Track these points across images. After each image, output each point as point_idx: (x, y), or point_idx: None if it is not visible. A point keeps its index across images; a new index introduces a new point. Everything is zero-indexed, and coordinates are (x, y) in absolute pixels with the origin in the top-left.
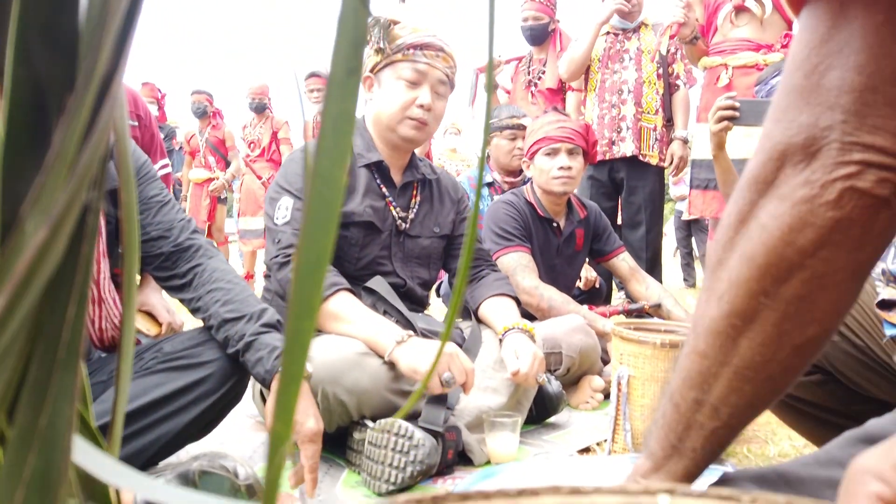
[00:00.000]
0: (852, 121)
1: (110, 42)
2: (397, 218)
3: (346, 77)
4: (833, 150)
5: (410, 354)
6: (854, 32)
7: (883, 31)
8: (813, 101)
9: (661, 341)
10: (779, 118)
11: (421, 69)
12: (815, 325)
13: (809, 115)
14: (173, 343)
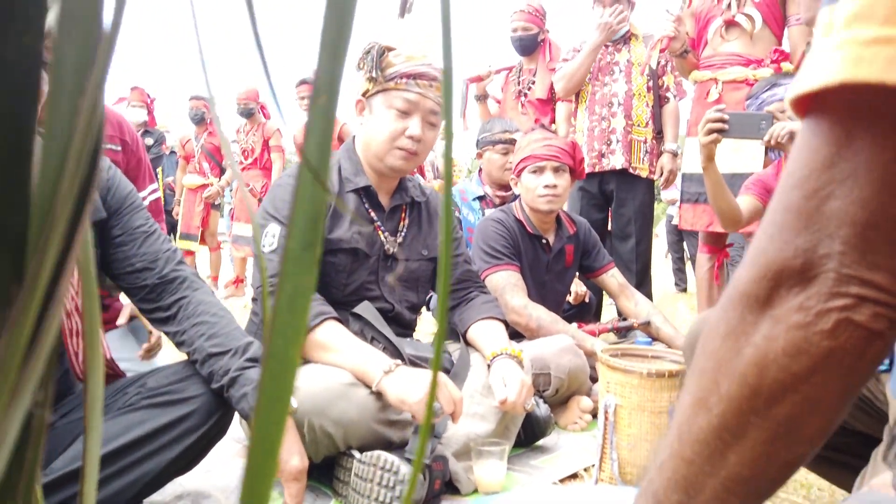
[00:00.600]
0: (851, 254)
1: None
2: (385, 242)
3: (302, 251)
4: (830, 279)
5: (398, 385)
6: (860, 165)
7: (890, 168)
8: (812, 225)
9: (647, 371)
10: (774, 235)
11: (412, 99)
12: (804, 444)
13: (807, 239)
14: (157, 378)
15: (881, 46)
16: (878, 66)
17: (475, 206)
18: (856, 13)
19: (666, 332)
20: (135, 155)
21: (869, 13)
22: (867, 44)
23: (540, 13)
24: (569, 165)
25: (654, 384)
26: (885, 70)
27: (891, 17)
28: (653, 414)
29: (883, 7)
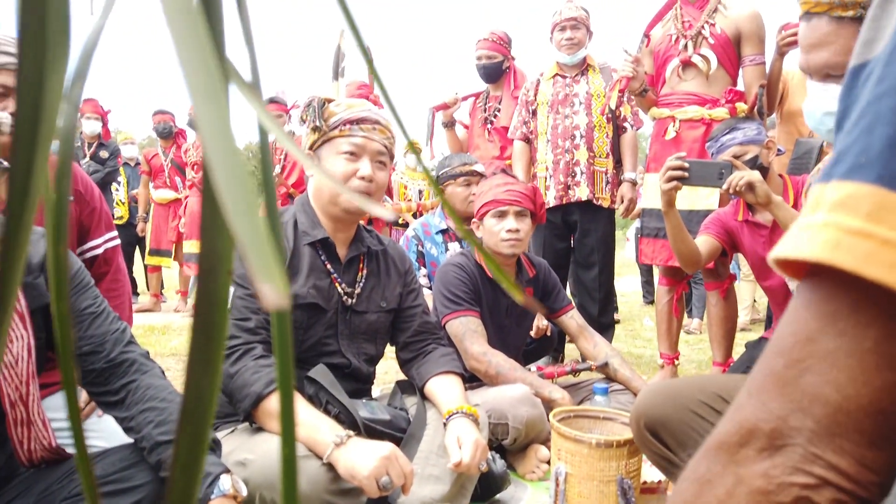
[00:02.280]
0: (821, 434)
1: None
2: (343, 294)
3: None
4: (797, 454)
5: (349, 458)
6: (840, 347)
7: (868, 358)
8: (787, 394)
9: (595, 441)
10: (752, 395)
11: (358, 143)
12: None
13: (782, 407)
14: (104, 464)
15: (861, 239)
16: (857, 257)
17: (438, 240)
18: (843, 201)
19: (623, 374)
20: (88, 205)
21: (854, 205)
22: (849, 233)
23: (504, 41)
24: (530, 210)
25: (603, 454)
26: (863, 262)
27: (873, 215)
28: (602, 483)
29: (867, 203)
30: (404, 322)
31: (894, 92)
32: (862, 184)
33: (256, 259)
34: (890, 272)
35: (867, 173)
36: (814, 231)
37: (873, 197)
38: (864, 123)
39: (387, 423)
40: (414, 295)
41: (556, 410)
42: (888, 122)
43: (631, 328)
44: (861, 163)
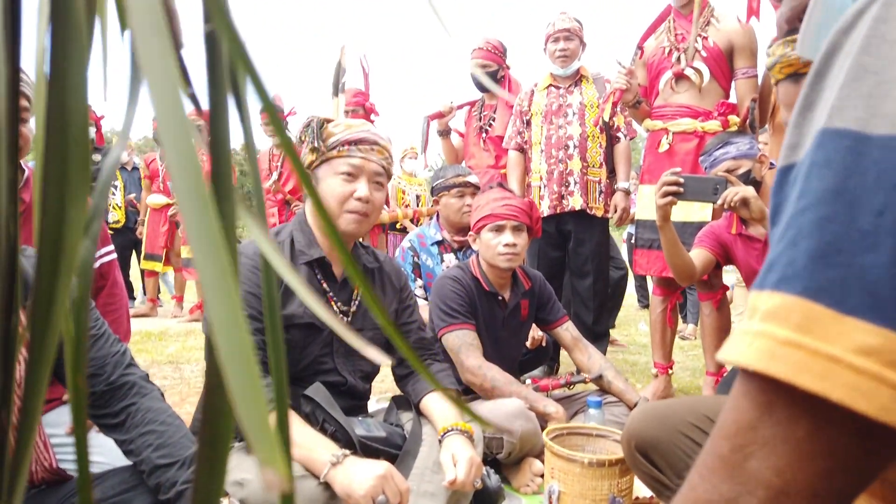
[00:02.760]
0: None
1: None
2: (338, 313)
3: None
4: None
5: (345, 477)
6: (777, 435)
7: (802, 446)
8: (735, 477)
9: (588, 461)
10: (704, 476)
11: (356, 164)
12: None
13: (731, 489)
14: (104, 488)
15: (792, 349)
16: (788, 367)
17: (434, 251)
18: (774, 311)
19: (617, 386)
20: None
21: (785, 316)
22: (781, 343)
23: (499, 50)
24: (527, 224)
25: (595, 473)
26: (794, 372)
27: (802, 326)
28: (594, 502)
29: (796, 315)
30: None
31: (814, 207)
32: (790, 295)
33: (258, 444)
34: (817, 381)
35: (794, 285)
36: (749, 339)
37: (800, 309)
38: (790, 236)
39: (383, 440)
40: (410, 311)
41: (550, 428)
42: (809, 236)
43: (626, 333)
44: (788, 275)
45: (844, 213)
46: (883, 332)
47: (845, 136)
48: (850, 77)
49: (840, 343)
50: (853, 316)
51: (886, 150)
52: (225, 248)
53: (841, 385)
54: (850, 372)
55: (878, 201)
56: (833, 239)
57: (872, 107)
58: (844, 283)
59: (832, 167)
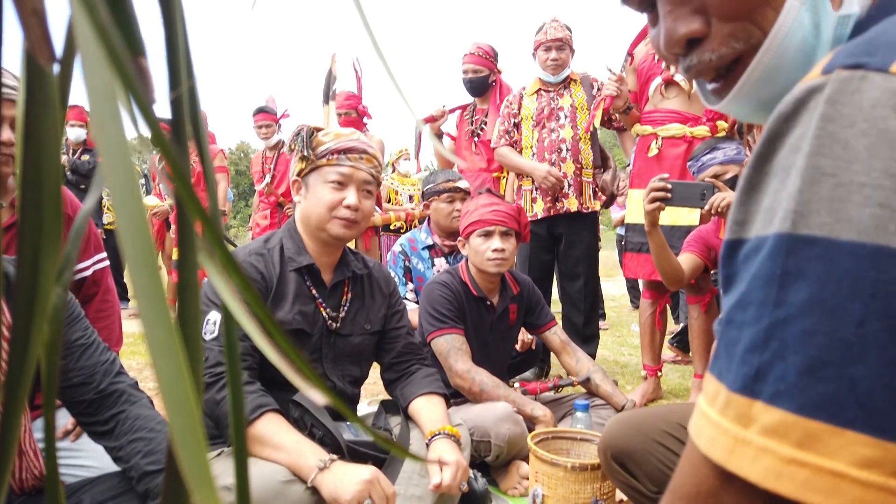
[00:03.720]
0: None
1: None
2: (328, 318)
3: None
4: None
5: (332, 482)
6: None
7: None
8: None
9: (571, 465)
10: None
11: (346, 172)
12: None
13: None
14: (93, 493)
15: (797, 468)
16: (796, 486)
17: (425, 256)
18: (774, 428)
19: (605, 389)
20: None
21: (784, 432)
22: (786, 462)
23: (489, 55)
24: (515, 229)
25: (579, 477)
26: (802, 490)
27: (803, 443)
28: None
29: (797, 433)
30: (389, 343)
31: (795, 320)
32: (787, 413)
33: (193, 476)
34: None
35: (789, 402)
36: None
37: (799, 426)
38: (776, 347)
39: (370, 444)
40: (398, 317)
41: (535, 433)
42: (795, 351)
43: (618, 334)
44: (782, 390)
45: (826, 324)
46: (881, 444)
47: (814, 244)
48: (807, 181)
49: (842, 458)
50: (851, 429)
51: (856, 259)
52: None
53: (851, 500)
54: (856, 486)
55: (858, 311)
56: (819, 352)
57: (836, 211)
58: (837, 397)
59: (806, 277)
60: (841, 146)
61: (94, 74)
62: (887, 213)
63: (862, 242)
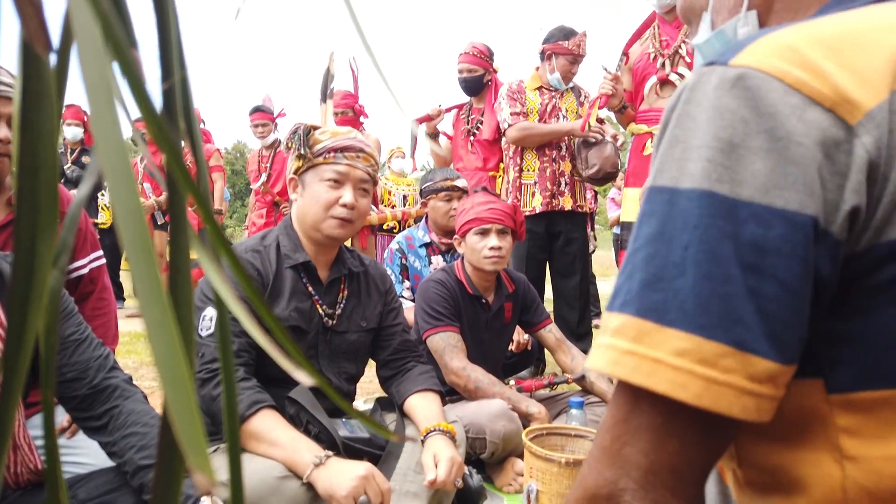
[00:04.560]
0: (639, 491)
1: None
2: (324, 315)
3: None
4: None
5: (327, 478)
6: (642, 424)
7: (661, 429)
8: (615, 463)
9: (565, 460)
10: (592, 466)
11: (342, 170)
12: None
13: (613, 473)
14: (88, 488)
15: (629, 357)
16: (626, 370)
17: (422, 253)
18: (617, 328)
19: (600, 386)
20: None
21: (623, 331)
22: (622, 353)
23: (484, 54)
24: (511, 227)
25: (572, 472)
26: (629, 373)
27: (636, 338)
28: None
29: (631, 330)
30: (384, 341)
31: (643, 248)
32: (627, 316)
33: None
34: (646, 378)
35: (630, 308)
36: (603, 351)
37: (635, 326)
38: (628, 270)
39: (366, 441)
40: (394, 314)
41: (530, 429)
42: (640, 270)
43: None
44: (627, 300)
45: (663, 250)
46: (692, 337)
47: (664, 192)
48: (667, 145)
49: (663, 348)
50: (672, 327)
51: (688, 200)
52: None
53: (664, 381)
54: (670, 370)
55: (684, 239)
56: (656, 270)
57: (681, 168)
58: (664, 303)
59: (655, 215)
60: (691, 120)
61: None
62: (711, 165)
63: (693, 188)
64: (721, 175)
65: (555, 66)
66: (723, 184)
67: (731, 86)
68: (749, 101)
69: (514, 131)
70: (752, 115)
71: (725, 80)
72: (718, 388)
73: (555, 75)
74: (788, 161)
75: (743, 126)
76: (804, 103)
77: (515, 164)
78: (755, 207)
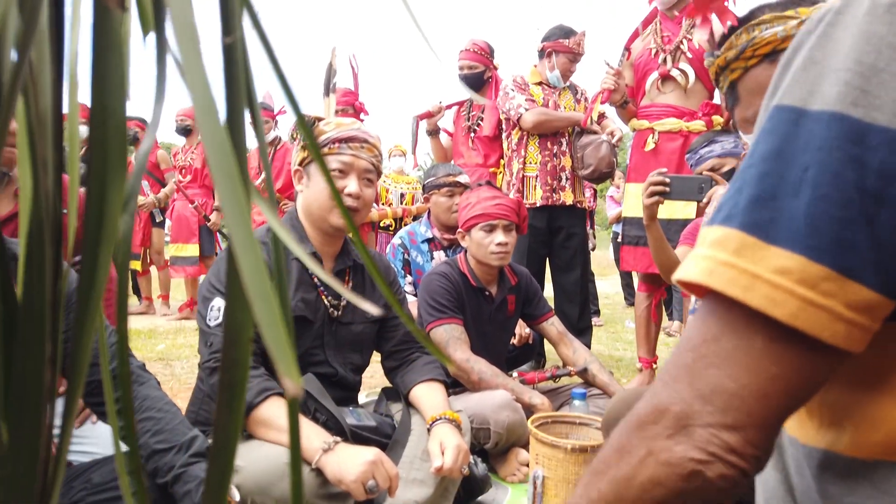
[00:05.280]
0: (718, 417)
1: None
2: (329, 306)
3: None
4: (697, 434)
5: (336, 463)
6: (736, 347)
7: (757, 355)
8: (695, 384)
9: (570, 447)
10: (667, 383)
11: (347, 161)
12: None
13: (689, 394)
14: (102, 472)
15: (727, 268)
16: (723, 281)
17: (424, 249)
18: (718, 240)
19: (601, 379)
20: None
21: (725, 244)
22: (720, 263)
23: (485, 51)
24: (515, 223)
25: (578, 458)
26: (726, 284)
27: (737, 251)
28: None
29: (733, 243)
30: (389, 332)
31: (758, 164)
32: (731, 229)
33: (279, 356)
34: (743, 292)
35: (735, 222)
36: (697, 261)
37: (737, 239)
38: (736, 186)
39: (373, 429)
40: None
41: (535, 416)
42: (751, 186)
43: (612, 331)
44: (732, 214)
45: (780, 169)
46: (797, 257)
47: (790, 111)
48: (800, 66)
49: (763, 265)
50: (776, 245)
51: (816, 122)
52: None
53: (760, 296)
54: (767, 286)
55: (805, 160)
56: (769, 188)
57: (813, 89)
58: (773, 221)
59: (775, 134)
60: (833, 42)
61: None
62: (848, 89)
63: (823, 110)
64: (857, 98)
65: (555, 63)
66: (857, 108)
67: (885, 11)
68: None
69: (532, 115)
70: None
71: (878, 4)
72: (815, 310)
73: (554, 73)
74: None
75: (891, 52)
76: None
77: (519, 156)
78: (891, 134)
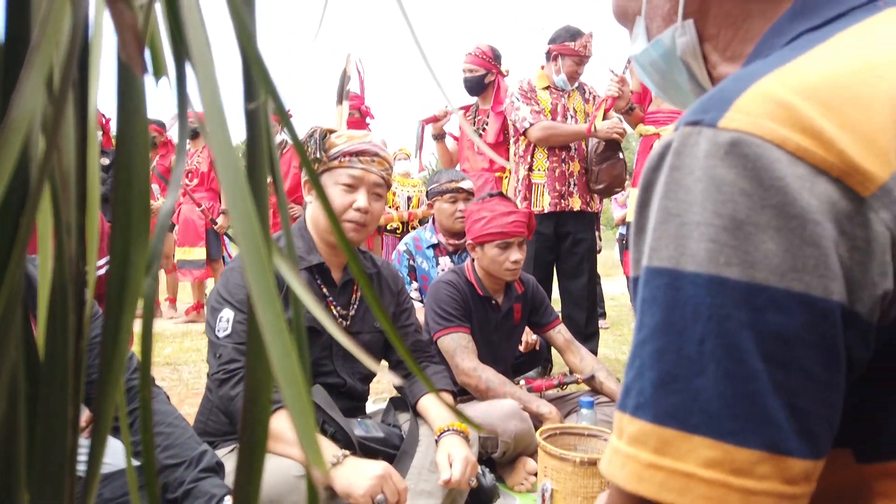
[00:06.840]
0: None
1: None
2: (338, 317)
3: None
4: None
5: (345, 477)
6: None
7: None
8: None
9: (580, 459)
10: None
11: (357, 175)
12: None
13: None
14: (112, 487)
15: (654, 471)
16: (654, 487)
17: (429, 255)
18: (635, 437)
19: (609, 386)
20: None
21: (642, 440)
22: (645, 466)
23: (487, 55)
24: (527, 237)
25: (587, 471)
26: (659, 491)
27: (659, 448)
28: (585, 499)
29: (652, 440)
30: None
31: (650, 340)
32: (645, 423)
33: (305, 442)
34: (681, 496)
35: (648, 413)
36: (623, 462)
37: (655, 435)
38: (637, 365)
39: (381, 440)
40: (406, 314)
41: (543, 428)
42: (651, 367)
43: (619, 333)
44: (641, 403)
45: (675, 344)
46: (722, 446)
47: (665, 274)
48: (658, 220)
49: (690, 459)
50: (698, 434)
51: (695, 285)
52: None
53: (698, 497)
54: (703, 485)
55: (698, 331)
56: (669, 368)
57: (680, 246)
58: (685, 408)
59: (658, 304)
60: (683, 191)
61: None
62: (717, 246)
63: (699, 272)
64: (729, 257)
65: (561, 66)
66: (732, 267)
67: (726, 153)
68: (749, 171)
69: (538, 130)
70: (755, 187)
71: (717, 146)
72: (756, 498)
73: (561, 76)
74: (805, 242)
75: (746, 200)
76: (811, 174)
77: (525, 163)
78: (773, 292)
